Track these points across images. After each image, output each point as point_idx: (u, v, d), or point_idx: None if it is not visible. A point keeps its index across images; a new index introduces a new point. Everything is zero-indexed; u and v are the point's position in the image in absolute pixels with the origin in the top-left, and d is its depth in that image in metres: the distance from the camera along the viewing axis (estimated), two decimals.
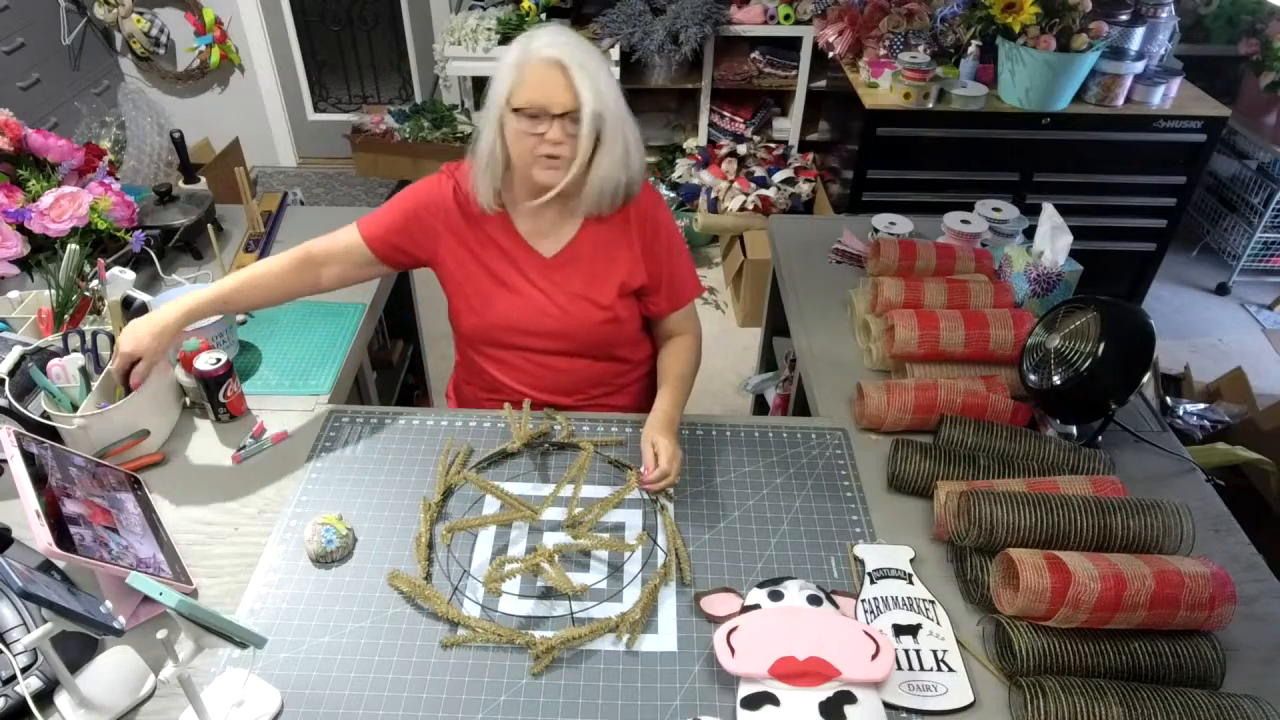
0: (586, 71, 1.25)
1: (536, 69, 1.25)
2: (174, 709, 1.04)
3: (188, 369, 1.40)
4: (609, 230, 1.44)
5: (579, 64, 1.24)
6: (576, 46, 1.26)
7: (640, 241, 1.45)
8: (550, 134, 1.27)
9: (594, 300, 1.44)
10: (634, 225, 1.44)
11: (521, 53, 1.27)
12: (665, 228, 1.48)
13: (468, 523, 1.26)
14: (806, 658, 1.06)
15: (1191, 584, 1.05)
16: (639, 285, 1.47)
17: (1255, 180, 3.43)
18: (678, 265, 1.50)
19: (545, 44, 1.25)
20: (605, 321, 1.45)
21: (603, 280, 1.44)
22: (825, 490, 1.35)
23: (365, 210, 1.49)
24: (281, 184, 4.18)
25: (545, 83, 1.25)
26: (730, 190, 3.49)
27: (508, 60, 1.28)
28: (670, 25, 3.37)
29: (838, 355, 1.66)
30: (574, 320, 1.44)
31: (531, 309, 1.44)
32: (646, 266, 1.46)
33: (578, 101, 1.25)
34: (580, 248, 1.44)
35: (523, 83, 1.26)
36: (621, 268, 1.45)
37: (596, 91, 1.26)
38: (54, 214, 1.64)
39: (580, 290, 1.44)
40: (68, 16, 3.49)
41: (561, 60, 1.24)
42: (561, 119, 1.26)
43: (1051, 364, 1.37)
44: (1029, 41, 2.62)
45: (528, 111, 1.26)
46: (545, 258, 1.44)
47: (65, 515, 1.07)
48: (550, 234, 1.44)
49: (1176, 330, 3.34)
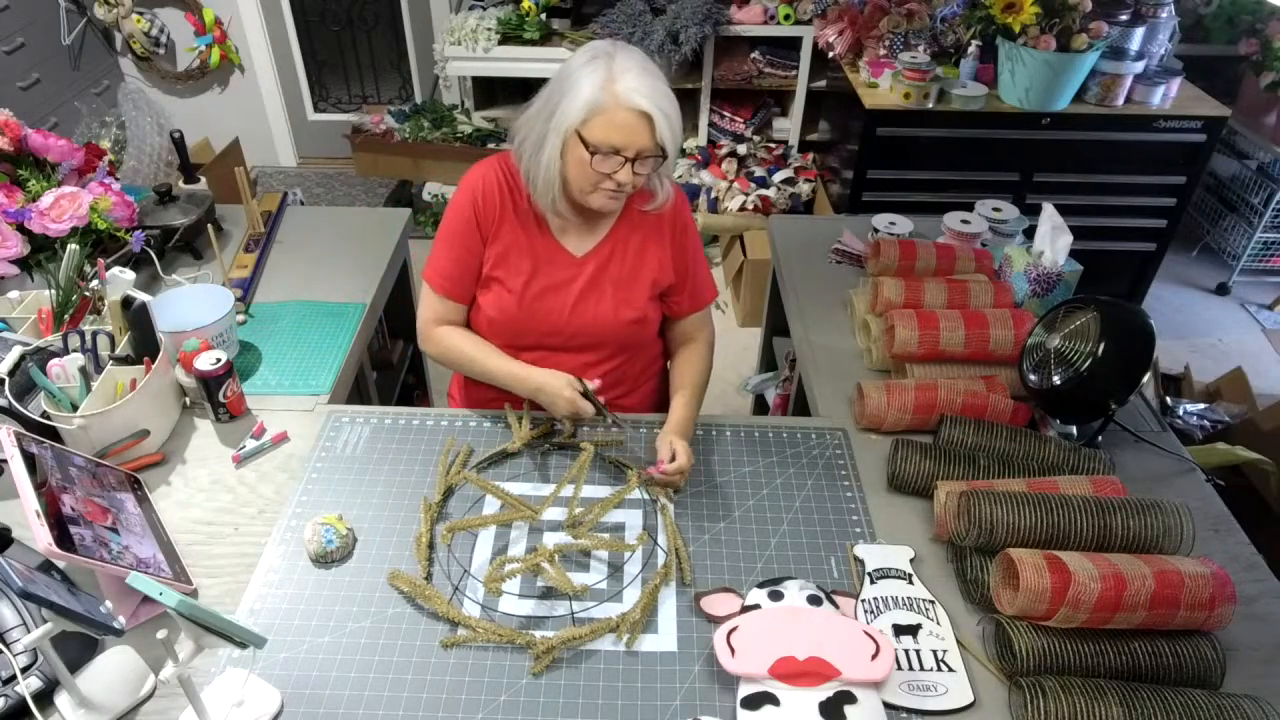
0: (669, 121, 1.26)
1: (622, 114, 1.23)
2: (174, 709, 1.04)
3: (188, 369, 1.40)
4: (641, 229, 1.44)
5: (664, 113, 1.25)
6: (662, 94, 1.25)
7: (671, 240, 1.46)
8: (621, 175, 1.28)
9: (625, 300, 1.44)
10: (666, 223, 1.45)
11: (604, 87, 1.23)
12: (691, 229, 1.49)
13: (468, 523, 1.26)
14: (806, 658, 1.06)
15: (1191, 584, 1.05)
16: (668, 285, 1.48)
17: (1255, 180, 3.43)
18: (700, 266, 1.52)
19: (633, 88, 1.23)
20: (633, 321, 1.45)
21: (632, 279, 1.44)
22: (825, 490, 1.35)
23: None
24: (281, 184, 4.18)
25: (629, 128, 1.24)
26: (730, 190, 3.49)
27: (584, 83, 1.24)
28: (670, 25, 3.37)
29: (838, 355, 1.66)
30: (600, 320, 1.44)
31: (559, 308, 1.43)
32: (675, 265, 1.47)
33: (656, 150, 1.27)
34: (611, 247, 1.44)
35: (603, 120, 1.24)
36: (652, 266, 1.45)
37: (674, 137, 1.27)
38: (54, 214, 1.64)
39: (610, 291, 1.44)
40: (68, 16, 3.49)
41: (649, 112, 1.24)
42: (634, 161, 1.27)
43: (1051, 364, 1.37)
44: (1029, 41, 2.62)
45: (601, 150, 1.25)
46: (575, 256, 1.44)
47: (65, 515, 1.07)
48: (582, 234, 1.44)
49: (1176, 330, 3.34)
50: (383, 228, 2.00)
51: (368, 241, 1.95)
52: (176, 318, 1.49)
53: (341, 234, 1.98)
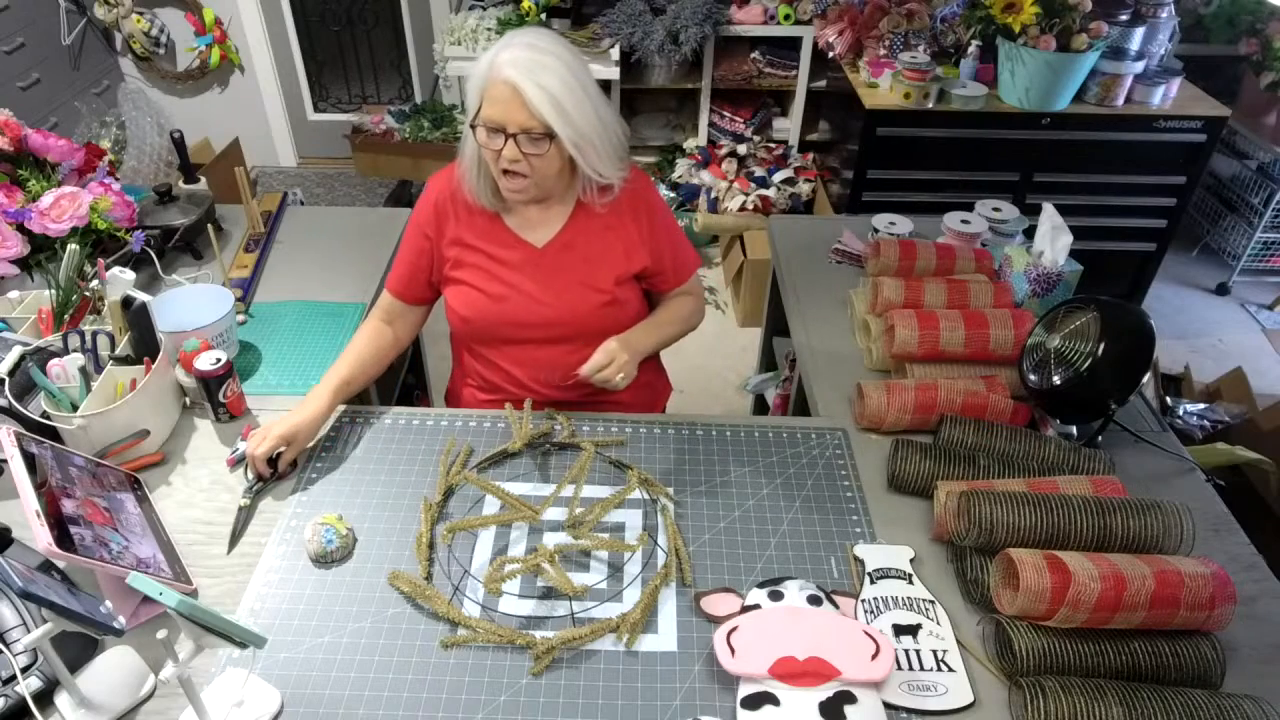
0: (547, 95, 1.23)
1: (497, 88, 1.25)
2: (174, 709, 1.04)
3: (188, 369, 1.40)
4: (601, 216, 1.45)
5: (535, 83, 1.23)
6: (543, 68, 1.23)
7: (636, 226, 1.47)
8: (506, 151, 1.28)
9: (591, 285, 1.45)
10: (626, 210, 1.46)
11: (486, 66, 1.26)
12: (659, 210, 1.50)
13: (468, 523, 1.26)
14: (806, 658, 1.06)
15: (1191, 584, 1.05)
16: (639, 269, 1.49)
17: (1255, 180, 3.43)
18: (678, 244, 1.54)
19: (506, 60, 1.24)
20: (605, 305, 1.46)
21: (598, 265, 1.45)
22: (825, 490, 1.35)
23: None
24: (281, 184, 4.18)
25: (503, 102, 1.25)
26: (730, 190, 3.49)
27: (478, 70, 1.28)
28: (670, 25, 3.37)
29: (838, 355, 1.66)
30: (571, 308, 1.45)
31: (526, 300, 1.45)
32: (649, 249, 1.48)
33: (533, 122, 1.25)
34: (571, 235, 1.45)
35: (486, 98, 1.27)
36: (617, 252, 1.46)
37: (558, 112, 1.25)
38: (54, 214, 1.64)
39: (576, 278, 1.45)
40: (68, 16, 3.49)
41: (515, 82, 1.23)
42: (517, 137, 1.26)
43: (1051, 364, 1.37)
44: (1029, 41, 2.62)
45: (487, 127, 1.27)
46: (536, 248, 1.45)
47: (65, 515, 1.07)
48: (540, 225, 1.45)
49: (1176, 330, 3.34)
50: (383, 228, 2.00)
51: (368, 241, 1.95)
52: (176, 318, 1.49)
53: (341, 234, 1.98)
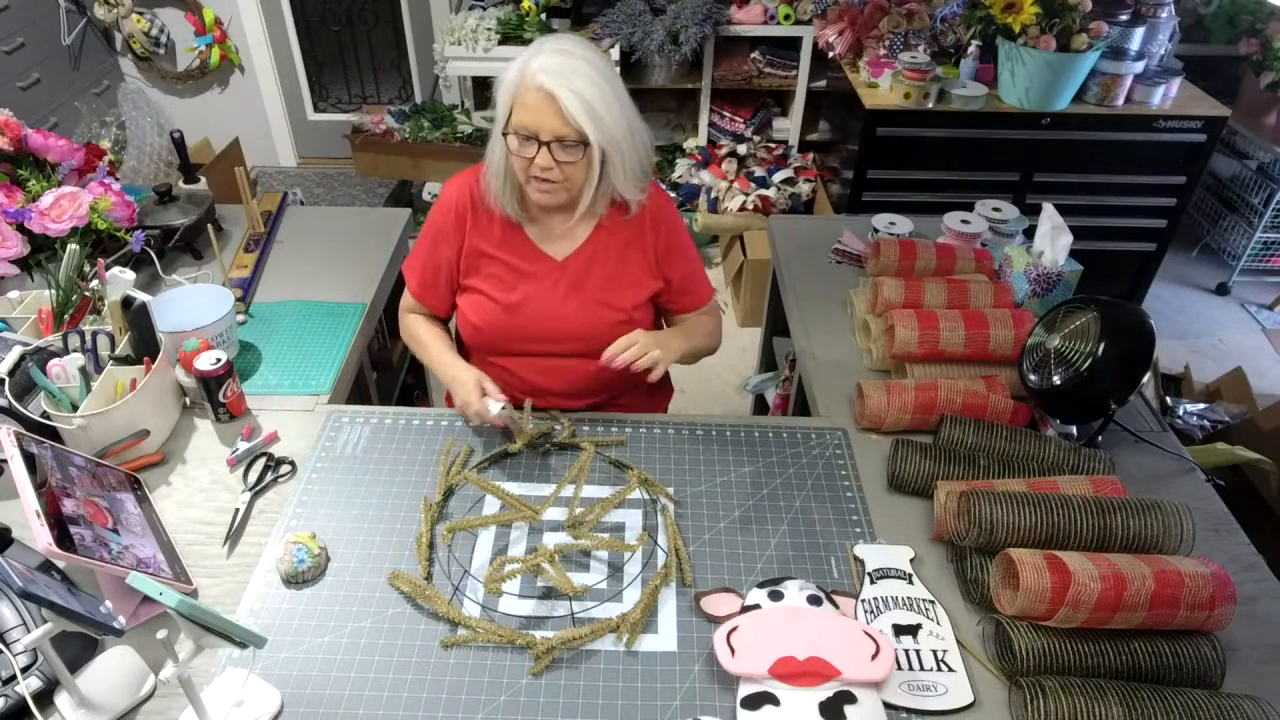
0: (583, 102, 1.22)
1: (531, 94, 1.24)
2: (174, 709, 1.04)
3: (188, 369, 1.40)
4: (622, 232, 1.44)
5: (570, 89, 1.22)
6: (570, 70, 1.23)
7: (654, 245, 1.46)
8: (539, 159, 1.27)
9: (608, 304, 1.45)
10: (648, 227, 1.45)
11: (519, 73, 1.25)
12: (680, 233, 1.49)
13: (468, 523, 1.26)
14: (806, 658, 1.06)
15: (1191, 584, 1.05)
16: (657, 288, 1.48)
17: (1255, 180, 3.43)
18: (695, 270, 1.53)
19: (539, 67, 1.23)
20: (621, 323, 1.45)
21: (616, 282, 1.45)
22: (825, 490, 1.35)
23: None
24: (281, 184, 4.18)
25: (537, 109, 1.24)
26: (730, 190, 3.48)
27: (508, 77, 1.27)
28: (670, 25, 3.37)
29: (838, 355, 1.66)
30: (586, 324, 1.44)
31: (540, 313, 1.44)
32: (663, 271, 1.48)
33: (568, 130, 1.24)
34: (593, 251, 1.44)
35: (519, 104, 1.26)
36: (637, 270, 1.46)
37: (593, 121, 1.24)
38: (54, 214, 1.64)
39: (595, 294, 1.44)
40: (68, 16, 3.49)
41: (550, 88, 1.22)
42: (551, 145, 1.25)
43: (1051, 364, 1.37)
44: (1029, 41, 2.62)
45: (519, 135, 1.26)
46: (556, 261, 1.44)
47: (65, 515, 1.07)
48: (562, 238, 1.44)
49: (1176, 330, 3.34)
50: (383, 228, 2.00)
51: (368, 241, 1.95)
52: (176, 318, 1.49)
53: (341, 234, 1.98)
